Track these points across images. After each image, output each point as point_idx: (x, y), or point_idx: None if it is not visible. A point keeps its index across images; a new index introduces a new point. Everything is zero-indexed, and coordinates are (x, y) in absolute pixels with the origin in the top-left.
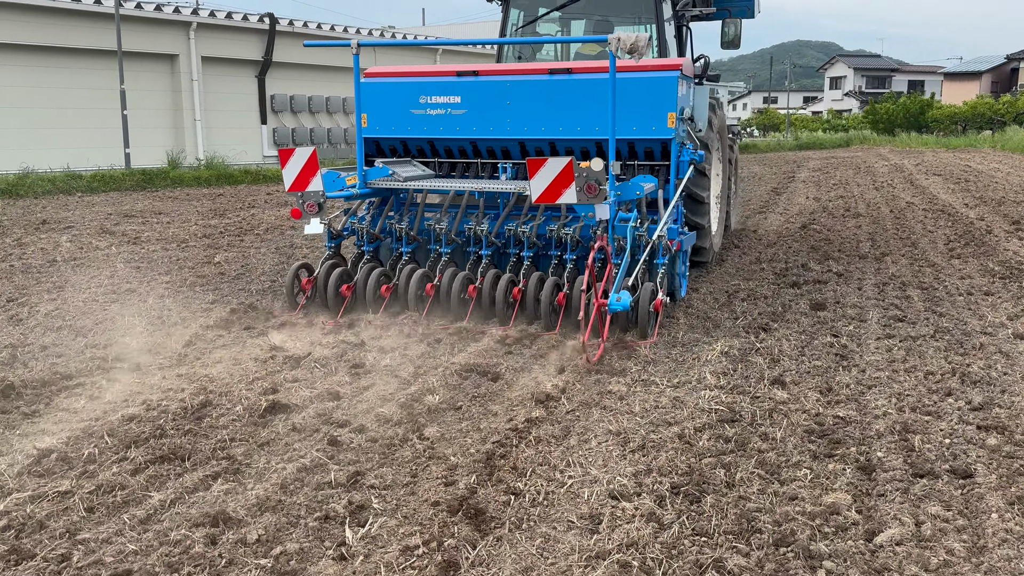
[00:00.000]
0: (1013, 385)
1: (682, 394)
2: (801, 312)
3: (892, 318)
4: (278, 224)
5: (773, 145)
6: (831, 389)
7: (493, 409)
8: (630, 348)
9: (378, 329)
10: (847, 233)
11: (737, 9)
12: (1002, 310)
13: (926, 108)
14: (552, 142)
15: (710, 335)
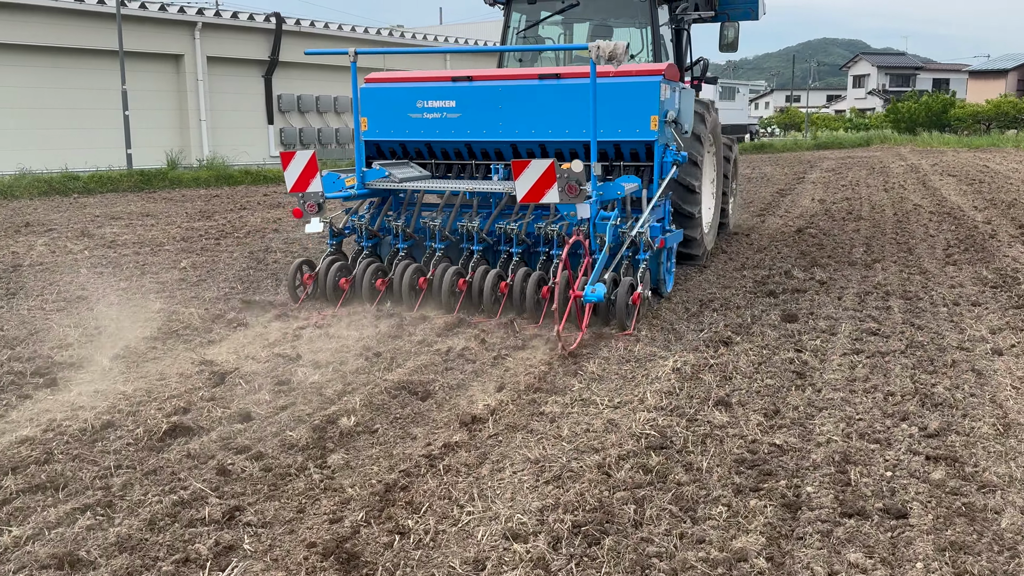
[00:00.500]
0: (977, 408)
1: (619, 416)
2: (770, 324)
3: (865, 331)
4: (262, 227)
5: (790, 144)
6: (777, 412)
7: (413, 432)
8: (579, 363)
9: (321, 340)
10: (843, 238)
11: (741, 11)
12: (986, 322)
13: (948, 107)
14: (542, 144)
15: (668, 348)
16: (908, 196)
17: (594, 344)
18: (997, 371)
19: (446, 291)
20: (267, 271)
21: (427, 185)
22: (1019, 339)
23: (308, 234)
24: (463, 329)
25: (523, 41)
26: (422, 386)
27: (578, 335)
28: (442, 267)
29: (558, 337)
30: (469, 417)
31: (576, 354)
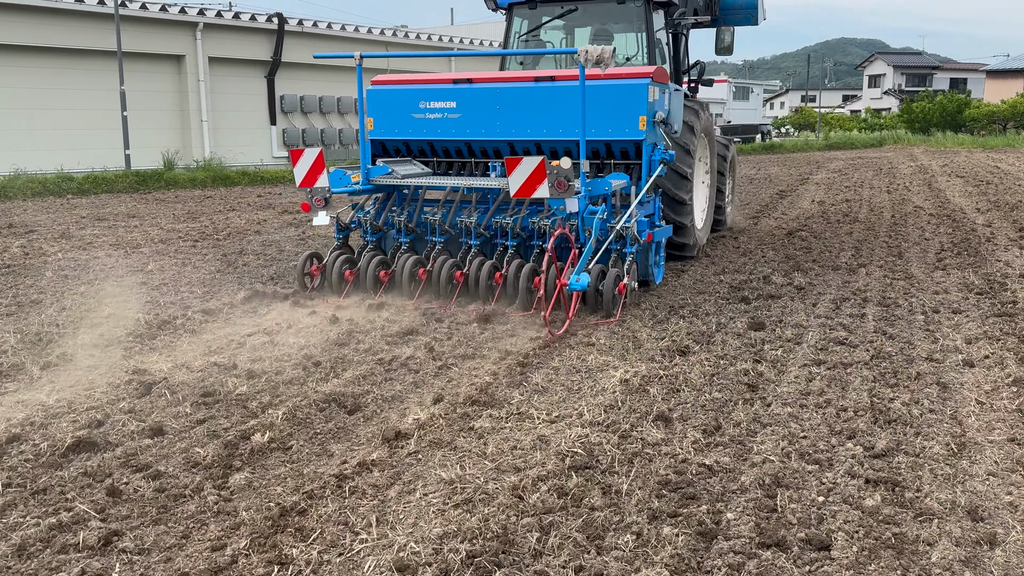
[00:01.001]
0: (933, 425)
1: (551, 432)
2: (734, 332)
3: (832, 340)
4: (245, 229)
5: (801, 145)
6: (718, 428)
7: (331, 449)
8: (527, 373)
9: (264, 348)
10: (834, 241)
11: (741, 17)
12: (963, 331)
13: (963, 107)
14: (538, 143)
15: (624, 358)
16: (910, 198)
17: (547, 353)
18: (964, 384)
19: (444, 282)
20: (234, 274)
21: (427, 182)
22: (994, 350)
23: (315, 227)
24: (414, 337)
25: (525, 45)
26: (353, 398)
27: (566, 321)
28: (441, 259)
29: (545, 323)
30: (393, 433)
31: (557, 343)
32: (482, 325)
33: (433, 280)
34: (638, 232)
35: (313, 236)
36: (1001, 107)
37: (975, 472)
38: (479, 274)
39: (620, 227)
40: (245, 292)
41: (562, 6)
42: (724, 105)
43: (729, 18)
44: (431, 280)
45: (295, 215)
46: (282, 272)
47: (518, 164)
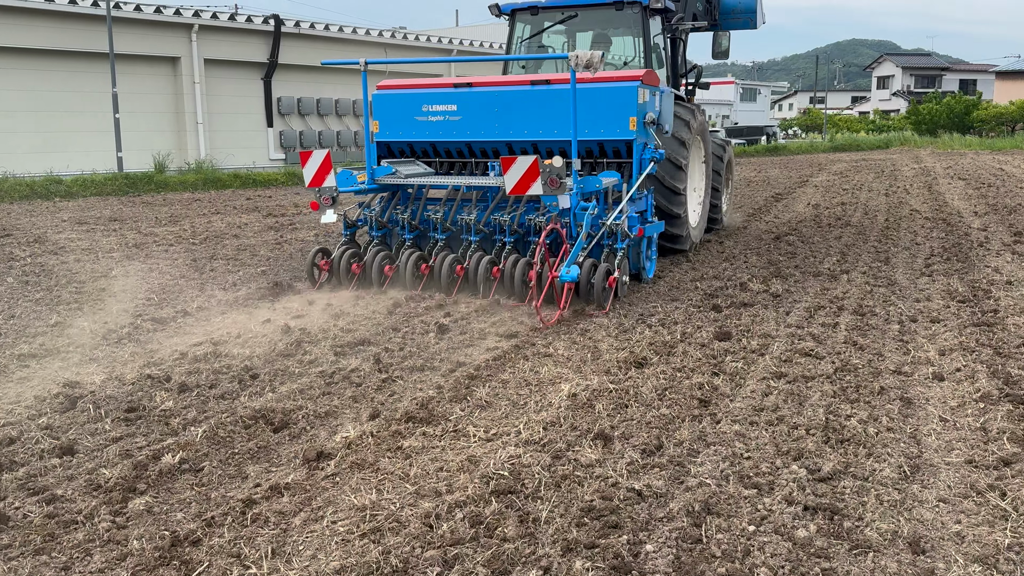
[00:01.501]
0: (888, 446)
1: (484, 452)
2: (698, 343)
3: (798, 351)
4: (224, 232)
5: (805, 147)
6: (660, 448)
7: (247, 471)
8: (473, 387)
9: (207, 360)
10: (821, 246)
11: (741, 21)
12: (939, 342)
13: (971, 108)
14: (534, 143)
15: (579, 370)
16: (908, 201)
17: (499, 365)
18: (930, 399)
19: (445, 276)
20: (198, 280)
21: (429, 181)
22: (967, 362)
23: (324, 224)
24: (364, 348)
25: (527, 49)
26: (283, 415)
27: (557, 312)
28: (442, 255)
29: (536, 312)
30: (315, 453)
31: (560, 327)
32: (439, 335)
33: (435, 274)
34: (629, 227)
35: (290, 240)
36: (1010, 108)
37: (925, 498)
38: (478, 268)
39: (611, 223)
40: (202, 299)
41: (563, 12)
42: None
43: (728, 23)
44: (433, 274)
45: (278, 218)
46: (247, 278)
47: (513, 163)
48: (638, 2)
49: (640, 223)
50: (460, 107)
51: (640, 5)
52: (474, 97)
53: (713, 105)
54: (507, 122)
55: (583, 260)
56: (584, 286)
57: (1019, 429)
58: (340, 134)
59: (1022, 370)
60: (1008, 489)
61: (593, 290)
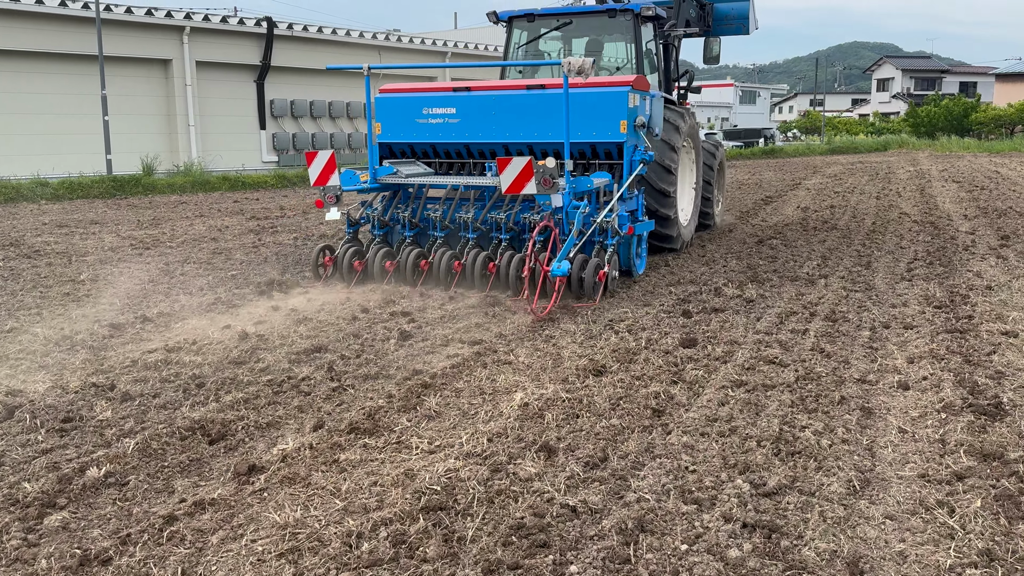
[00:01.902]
0: (841, 458)
1: (423, 465)
2: (662, 350)
3: (762, 359)
4: (203, 236)
5: (802, 149)
6: (604, 460)
7: (174, 486)
8: (425, 396)
9: (156, 368)
10: (803, 250)
11: (734, 27)
12: (909, 349)
13: (970, 111)
14: (530, 145)
15: (536, 378)
16: (898, 204)
17: (456, 373)
18: (892, 410)
19: (443, 271)
20: (166, 284)
21: (429, 180)
22: (935, 370)
23: (328, 221)
24: (320, 355)
25: (524, 54)
26: (223, 426)
27: (549, 304)
28: (440, 252)
29: (531, 310)
30: (247, 467)
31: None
32: (400, 342)
33: (433, 270)
34: (619, 225)
35: (268, 244)
36: (1008, 111)
37: (871, 514)
38: (474, 264)
39: (601, 220)
40: (166, 304)
41: (558, 19)
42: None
43: (721, 29)
44: (432, 270)
45: (261, 221)
46: (216, 283)
47: (509, 164)
48: (630, 10)
49: (630, 222)
50: (459, 110)
51: (632, 12)
52: (473, 101)
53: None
54: (504, 125)
55: (574, 256)
56: (575, 280)
57: (977, 441)
58: (334, 136)
59: (989, 379)
60: (958, 505)
61: (584, 284)
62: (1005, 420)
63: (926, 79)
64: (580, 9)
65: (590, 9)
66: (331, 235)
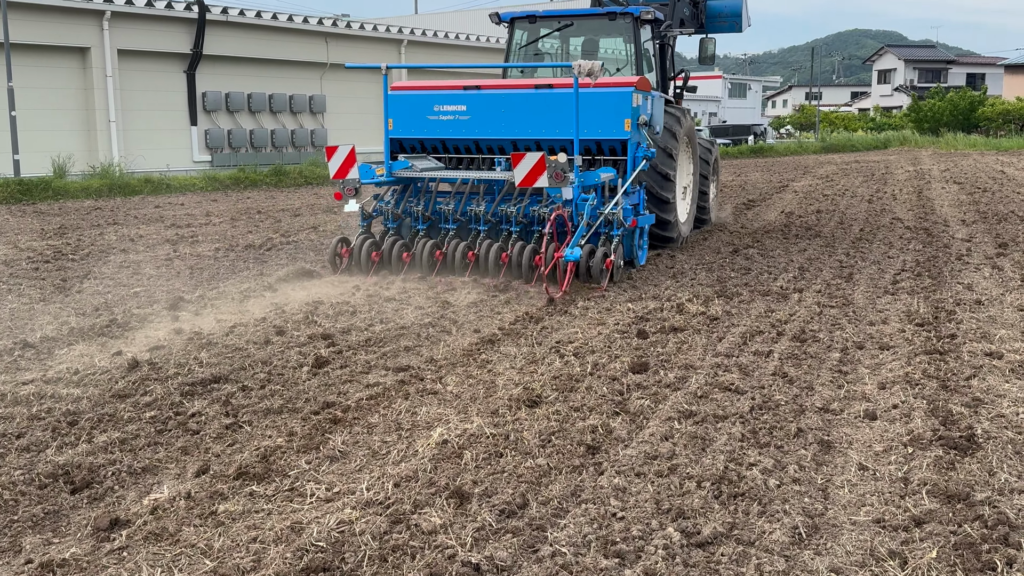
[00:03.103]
0: (790, 501)
1: (315, 516)
2: (609, 376)
3: (718, 385)
4: (112, 247)
5: (794, 148)
6: (523, 507)
7: (22, 543)
8: (334, 434)
9: (43, 401)
10: (781, 260)
11: (727, 25)
12: (882, 374)
13: (976, 105)
14: (537, 141)
15: (463, 410)
16: (892, 208)
17: (374, 405)
18: (854, 443)
19: (458, 261)
20: (58, 304)
21: (443, 174)
22: (907, 397)
23: (346, 213)
24: (219, 386)
25: (524, 53)
26: (90, 471)
27: (561, 287)
28: (454, 242)
29: (546, 289)
30: (109, 521)
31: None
32: (314, 369)
33: (448, 260)
34: (624, 218)
35: (184, 256)
36: (1017, 105)
37: (815, 567)
38: (488, 254)
39: (607, 212)
40: (54, 327)
41: (559, 21)
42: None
43: (715, 26)
44: (446, 260)
45: (181, 229)
46: (113, 301)
47: (522, 158)
48: (630, 13)
49: (633, 215)
50: (469, 107)
51: (632, 16)
52: (482, 99)
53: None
54: (512, 122)
55: (584, 245)
56: (583, 268)
57: (943, 480)
58: (275, 133)
59: (965, 407)
60: (911, 556)
61: (592, 271)
62: (976, 455)
63: (931, 70)
64: (581, 12)
65: (591, 12)
66: (259, 246)
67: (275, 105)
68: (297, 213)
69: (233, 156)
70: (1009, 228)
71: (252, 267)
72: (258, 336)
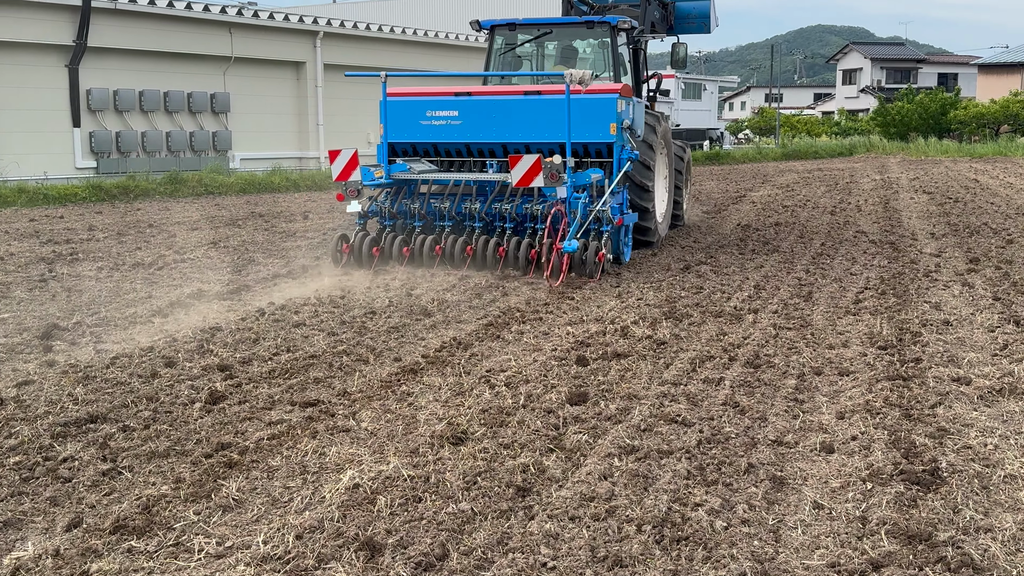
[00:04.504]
0: (737, 545)
1: (207, 573)
2: (544, 408)
3: (663, 417)
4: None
5: (752, 154)
6: (443, 558)
7: None
8: (224, 482)
9: None
10: (735, 278)
11: (695, 26)
12: (841, 402)
13: (948, 107)
14: (527, 145)
15: (378, 451)
16: (856, 220)
17: (277, 444)
18: (808, 479)
19: (457, 255)
20: None
21: (440, 176)
22: (867, 428)
23: (349, 213)
24: (96, 426)
25: (502, 59)
26: None
27: (560, 277)
28: (452, 238)
29: (547, 279)
30: None
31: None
32: (208, 405)
33: (447, 254)
34: (612, 215)
35: (61, 276)
36: (992, 107)
37: None
38: (486, 249)
39: (598, 210)
40: None
41: (538, 29)
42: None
43: (683, 27)
44: (445, 255)
45: (60, 246)
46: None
47: (519, 160)
48: (607, 22)
49: (620, 213)
50: (461, 113)
51: (609, 24)
52: (474, 104)
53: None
54: (502, 126)
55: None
56: (577, 262)
57: (903, 519)
58: (171, 136)
59: (929, 438)
60: None
61: (586, 263)
62: (940, 490)
63: (899, 70)
64: (560, 20)
65: (569, 20)
66: (149, 264)
67: (171, 104)
68: (195, 227)
69: (122, 162)
70: (981, 242)
71: (140, 289)
72: (144, 368)
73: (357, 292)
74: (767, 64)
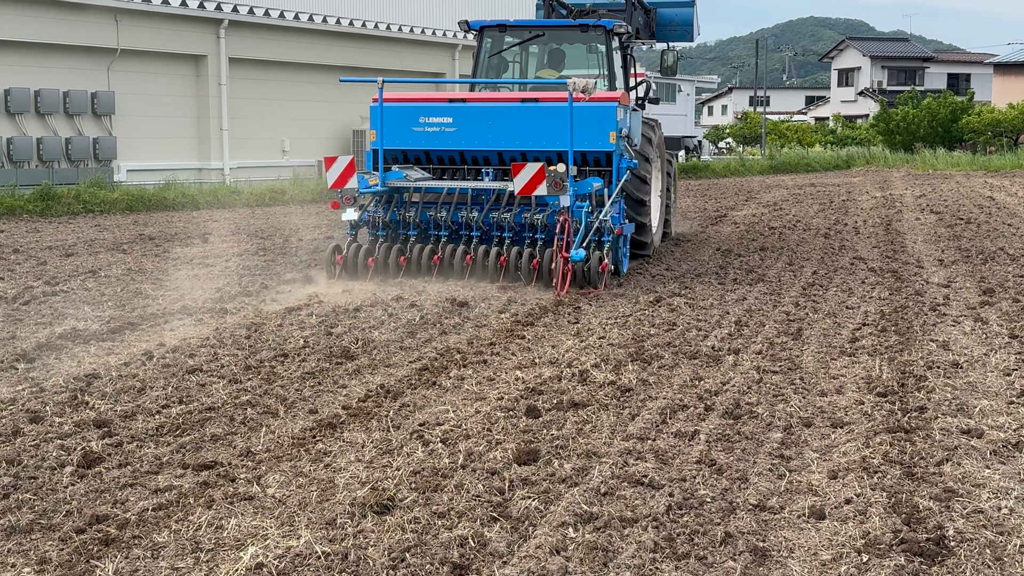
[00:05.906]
0: None
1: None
2: (487, 469)
3: (627, 479)
4: None
5: (735, 167)
6: None
7: None
8: (120, 548)
9: None
10: (714, 311)
11: (677, 34)
12: (834, 459)
13: (960, 113)
14: (523, 152)
15: (288, 522)
16: (854, 244)
17: (165, 516)
18: (795, 551)
19: (457, 264)
20: None
21: (435, 184)
22: (863, 489)
23: (345, 220)
24: None
25: (490, 62)
26: None
27: (565, 285)
28: (450, 247)
29: (555, 287)
30: None
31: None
32: (81, 469)
33: (445, 263)
34: (613, 224)
35: None
36: (1009, 113)
37: None
38: (486, 258)
39: (600, 220)
40: None
41: (529, 31)
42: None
43: (665, 34)
44: (443, 264)
45: None
46: None
47: (523, 168)
48: (602, 26)
49: (620, 222)
50: (455, 119)
51: (604, 28)
52: (469, 111)
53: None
54: (498, 134)
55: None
56: (580, 272)
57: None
58: (43, 142)
59: (935, 501)
60: None
61: (590, 273)
62: (947, 563)
63: (903, 70)
64: (553, 23)
65: (563, 24)
66: (13, 298)
67: (43, 105)
68: (71, 252)
69: (13, 173)
70: (997, 270)
71: (1, 328)
72: (3, 425)
73: (267, 329)
74: (751, 62)
